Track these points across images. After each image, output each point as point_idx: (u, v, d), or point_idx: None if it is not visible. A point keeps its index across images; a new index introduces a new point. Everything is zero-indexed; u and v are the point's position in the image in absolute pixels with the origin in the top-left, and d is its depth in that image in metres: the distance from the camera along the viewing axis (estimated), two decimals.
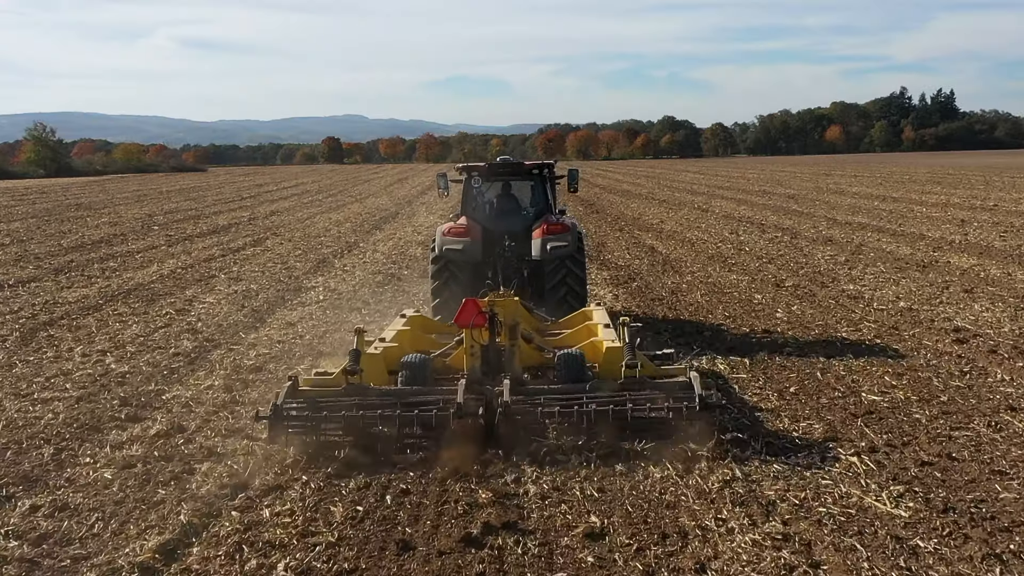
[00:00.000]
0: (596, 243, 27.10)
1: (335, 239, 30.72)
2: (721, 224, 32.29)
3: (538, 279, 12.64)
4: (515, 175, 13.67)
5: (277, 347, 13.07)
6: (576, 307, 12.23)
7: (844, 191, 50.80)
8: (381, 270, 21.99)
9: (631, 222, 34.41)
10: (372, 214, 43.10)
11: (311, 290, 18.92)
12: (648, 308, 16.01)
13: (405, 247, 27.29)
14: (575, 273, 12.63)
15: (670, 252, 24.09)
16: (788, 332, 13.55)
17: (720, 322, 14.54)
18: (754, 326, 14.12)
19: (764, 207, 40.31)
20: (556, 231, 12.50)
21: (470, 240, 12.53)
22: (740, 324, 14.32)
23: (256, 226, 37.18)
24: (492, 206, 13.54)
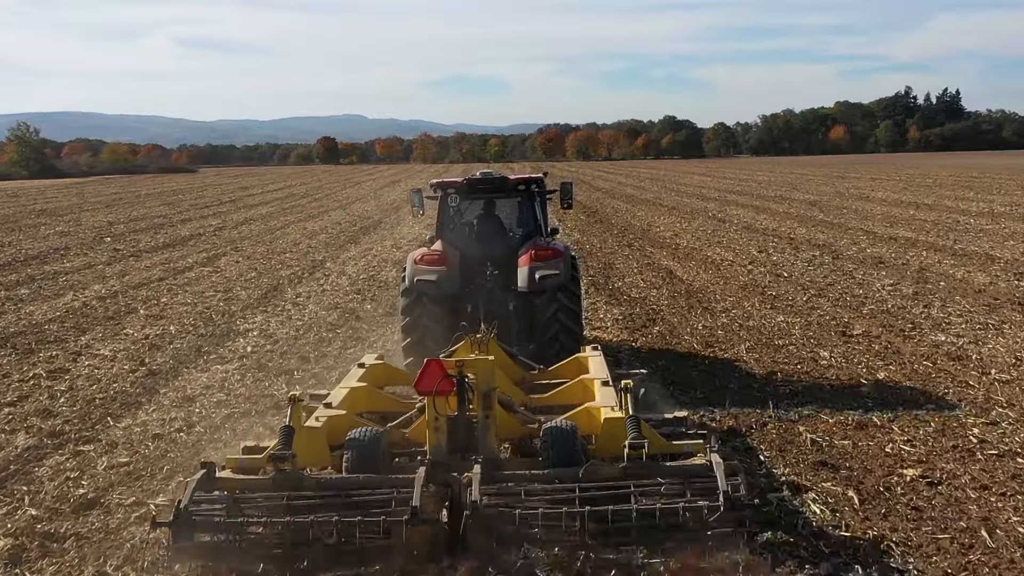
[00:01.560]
0: (602, 263, 23.02)
1: (301, 256, 26.67)
2: (744, 238, 28.23)
3: (526, 314, 10.86)
4: (498, 192, 11.73)
5: (146, 449, 9.00)
6: (570, 347, 10.47)
7: (868, 197, 46.76)
8: (340, 303, 17.94)
9: (640, 235, 30.34)
10: (352, 223, 39.12)
11: (241, 336, 14.85)
12: (679, 372, 11.91)
13: (378, 268, 23.23)
14: (568, 307, 10.77)
15: (693, 278, 20.01)
16: (881, 414, 9.52)
17: (782, 394, 10.50)
18: (830, 401, 10.09)
19: (786, 216, 36.25)
20: (545, 257, 10.72)
21: (446, 269, 10.69)
22: (807, 397, 10.31)
23: (219, 238, 33.18)
24: (472, 229, 11.66)
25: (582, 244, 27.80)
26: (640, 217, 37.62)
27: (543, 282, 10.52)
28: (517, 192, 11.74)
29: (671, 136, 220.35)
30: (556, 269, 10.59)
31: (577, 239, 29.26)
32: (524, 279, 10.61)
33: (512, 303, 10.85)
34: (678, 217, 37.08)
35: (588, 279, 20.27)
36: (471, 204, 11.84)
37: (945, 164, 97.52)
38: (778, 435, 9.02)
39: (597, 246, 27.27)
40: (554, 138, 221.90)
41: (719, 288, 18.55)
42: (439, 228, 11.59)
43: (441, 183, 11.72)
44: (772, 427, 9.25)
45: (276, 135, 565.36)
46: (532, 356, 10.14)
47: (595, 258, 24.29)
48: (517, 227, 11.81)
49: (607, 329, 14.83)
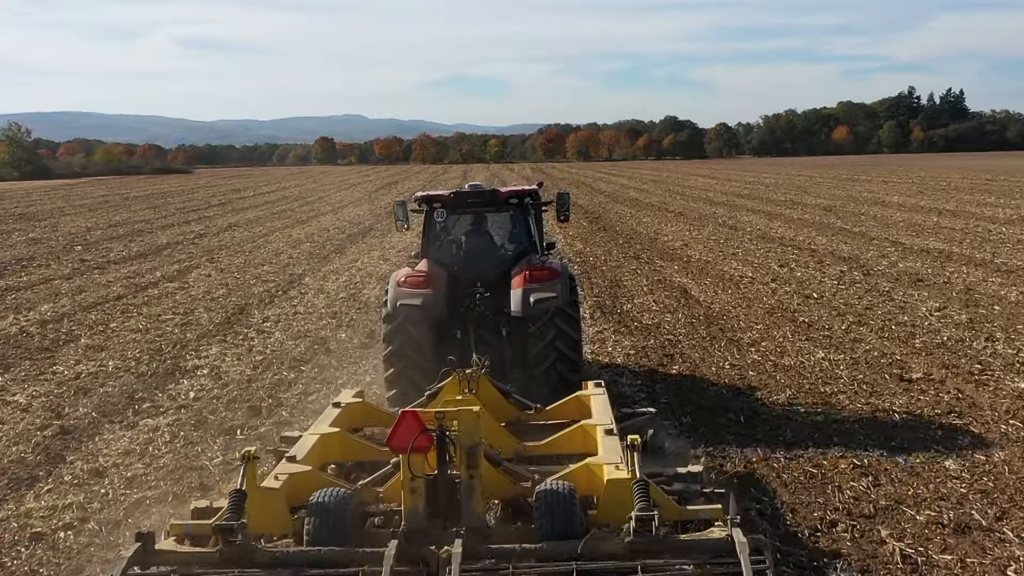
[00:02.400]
0: (608, 280, 20.81)
1: (279, 269, 24.48)
2: (760, 249, 26.03)
3: (520, 341, 9.92)
4: (489, 206, 10.77)
5: (13, 559, 6.78)
6: (569, 378, 9.59)
7: (884, 201, 44.55)
8: (311, 329, 15.75)
9: (648, 245, 28.13)
10: (342, 229, 36.95)
11: (187, 376, 12.65)
12: (710, 433, 9.70)
13: (360, 285, 21.04)
14: (567, 334, 9.79)
15: (711, 300, 17.80)
16: (982, 507, 7.33)
17: (846, 475, 8.28)
18: (910, 485, 7.89)
19: (802, 223, 34.04)
20: (541, 278, 9.79)
21: (431, 293, 9.78)
22: (879, 479, 8.12)
23: (197, 247, 31.02)
24: (460, 246, 10.74)
25: (585, 256, 25.60)
26: (646, 224, 35.41)
27: (538, 306, 9.56)
28: (509, 206, 10.68)
29: (672, 136, 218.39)
30: (553, 291, 9.61)
31: (579, 250, 27.08)
32: (518, 303, 9.67)
33: (505, 329, 9.94)
34: (686, 224, 34.87)
35: (593, 300, 18.09)
36: (459, 219, 10.84)
37: (953, 165, 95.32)
38: (853, 542, 6.81)
39: (602, 258, 25.06)
40: (554, 138, 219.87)
41: (742, 312, 16.33)
42: (425, 246, 10.57)
43: (426, 197, 10.67)
44: (843, 528, 7.03)
45: (276, 135, 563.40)
46: (527, 387, 9.23)
47: (600, 274, 22.10)
48: (509, 244, 10.83)
49: (617, 368, 12.61)
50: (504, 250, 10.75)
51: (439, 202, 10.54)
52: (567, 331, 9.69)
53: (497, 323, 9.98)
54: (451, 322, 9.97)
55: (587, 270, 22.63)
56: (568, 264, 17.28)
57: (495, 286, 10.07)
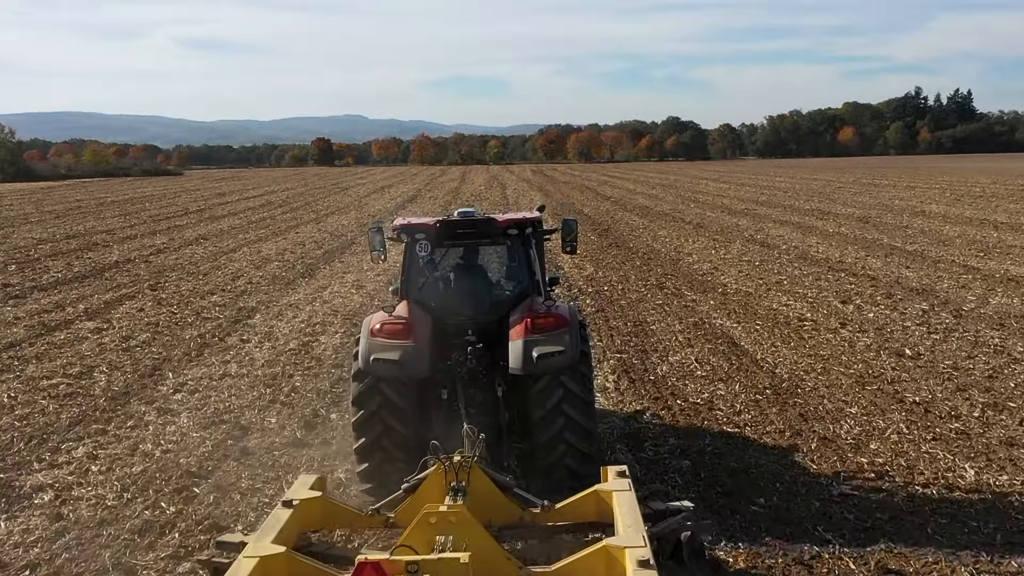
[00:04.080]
0: (632, 323, 16.54)
1: (230, 300, 20.27)
2: (807, 274, 21.81)
3: (520, 404, 8.15)
4: (482, 237, 8.99)
5: None
6: (580, 452, 7.86)
7: (923, 211, 40.31)
8: (232, 408, 11.52)
9: (671, 268, 23.89)
10: (320, 243, 32.77)
11: (20, 504, 8.42)
12: None
13: (322, 327, 16.83)
14: (577, 396, 7.95)
15: (772, 357, 13.56)
16: None
17: None
18: None
19: (842, 239, 29.82)
20: (545, 327, 7.99)
21: (412, 345, 8.03)
22: None
23: (148, 267, 26.83)
24: (447, 285, 9.03)
25: (597, 283, 21.37)
26: (663, 239, 31.16)
27: (543, 363, 7.96)
28: (507, 237, 8.96)
29: (675, 137, 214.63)
30: (560, 345, 8.00)
31: (590, 275, 22.85)
32: (517, 358, 8.05)
33: (501, 388, 8.39)
34: (709, 239, 30.64)
35: (615, 356, 13.87)
36: (447, 253, 9.24)
37: (973, 168, 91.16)
38: None
39: (618, 287, 20.82)
40: (555, 139, 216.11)
41: (822, 383, 12.08)
42: (405, 285, 8.92)
43: (406, 226, 8.89)
44: None
45: (277, 135, 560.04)
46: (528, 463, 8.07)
47: (618, 310, 17.87)
48: (507, 283, 9.27)
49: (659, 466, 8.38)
50: (500, 290, 9.11)
51: (422, 233, 8.72)
52: (578, 393, 8.01)
53: (491, 381, 8.41)
54: (436, 380, 8.34)
55: (602, 305, 18.41)
56: (578, 308, 13.21)
57: (490, 335, 8.48)
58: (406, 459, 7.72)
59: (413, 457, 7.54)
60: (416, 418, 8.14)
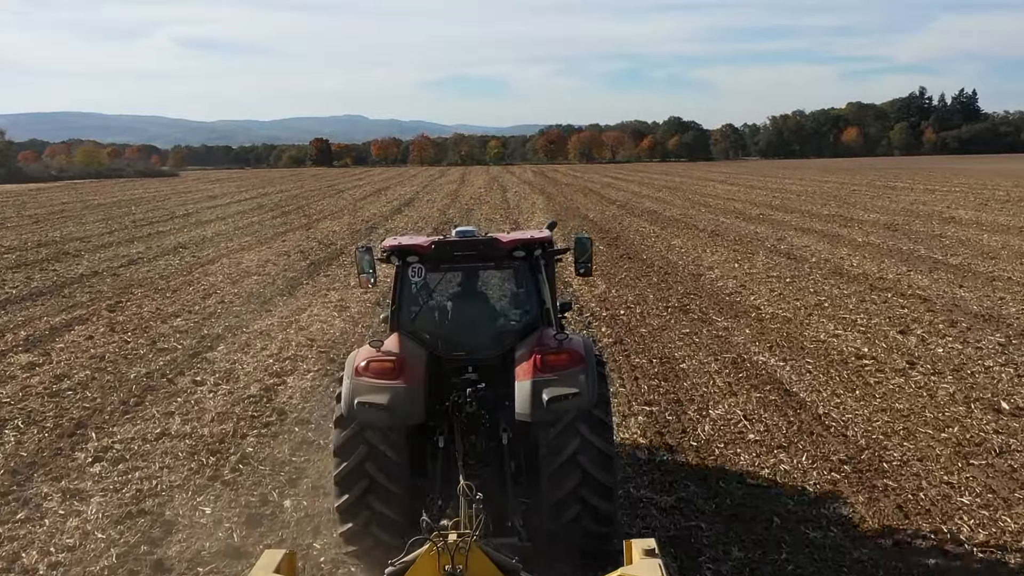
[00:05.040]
0: (657, 359, 14.02)
1: (194, 325, 17.79)
2: (848, 294, 19.32)
3: (528, 455, 7.24)
4: (484, 261, 7.92)
5: None
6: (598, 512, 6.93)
7: (953, 218, 37.80)
8: (162, 484, 9.02)
9: (693, 285, 21.38)
10: (306, 253, 30.32)
11: None
12: None
13: (293, 361, 14.34)
14: (596, 448, 6.95)
15: (836, 410, 11.06)
16: None
17: None
18: None
19: (875, 250, 27.33)
20: (558, 364, 7.00)
21: (404, 387, 7.01)
22: None
23: (116, 281, 24.46)
24: (444, 316, 8.03)
25: (612, 304, 18.88)
26: (679, 249, 28.64)
27: (555, 407, 6.80)
28: (512, 260, 7.78)
29: (677, 138, 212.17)
30: (574, 386, 6.83)
31: (602, 293, 20.36)
32: (525, 401, 6.90)
33: (506, 435, 7.29)
34: (729, 249, 28.14)
35: (643, 408, 11.37)
36: (443, 279, 8.09)
37: (989, 170, 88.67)
38: None
39: (636, 310, 18.32)
40: (556, 140, 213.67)
41: (909, 450, 9.57)
42: (395, 314, 7.72)
43: (397, 248, 7.73)
44: None
45: (277, 136, 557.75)
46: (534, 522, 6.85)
47: (639, 341, 15.37)
48: (512, 311, 8.12)
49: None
50: (505, 321, 8.14)
51: (415, 255, 7.79)
52: (596, 444, 7.01)
53: (495, 427, 7.45)
54: (431, 425, 7.39)
55: (620, 335, 15.90)
56: (593, 340, 10.79)
57: (493, 373, 7.57)
58: (395, 519, 6.90)
59: (403, 517, 6.81)
60: (407, 471, 7.14)
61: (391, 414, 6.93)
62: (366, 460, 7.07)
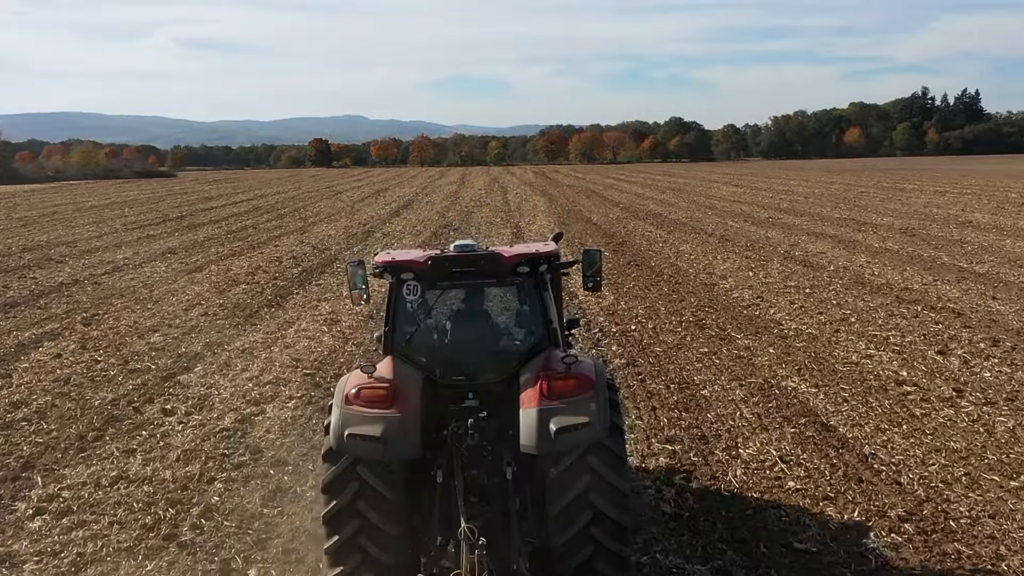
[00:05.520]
0: (676, 384, 12.71)
1: (172, 341, 16.49)
2: (873, 306, 18.01)
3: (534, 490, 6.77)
4: (486, 277, 7.40)
5: None
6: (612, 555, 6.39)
7: (970, 222, 36.48)
8: (108, 548, 7.77)
9: (706, 296, 20.07)
10: (299, 259, 29.05)
11: None
12: None
13: (275, 387, 13.02)
14: (608, 484, 6.45)
15: (877, 445, 9.78)
16: None
17: None
18: None
19: (892, 256, 26.04)
20: (565, 391, 6.53)
21: (398, 416, 6.55)
22: None
23: (95, 291, 23.23)
24: (443, 335, 7.45)
25: (622, 318, 17.59)
26: (688, 256, 27.34)
27: (563, 438, 6.29)
28: (516, 277, 7.29)
29: (679, 138, 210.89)
30: (584, 414, 6.33)
31: (610, 305, 19.07)
32: (531, 432, 6.39)
33: (510, 469, 6.71)
34: (741, 256, 26.83)
35: (664, 446, 10.07)
36: (441, 297, 7.50)
37: (997, 171, 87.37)
38: None
39: (647, 324, 17.00)
40: (557, 140, 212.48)
41: (975, 503, 8.28)
42: (390, 335, 7.23)
43: (391, 264, 7.26)
44: None
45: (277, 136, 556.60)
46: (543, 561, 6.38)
47: (654, 361, 14.07)
48: (516, 331, 7.51)
49: None
50: (508, 342, 7.43)
51: (411, 271, 7.18)
52: (608, 479, 6.36)
53: (498, 459, 6.76)
54: (428, 457, 6.72)
55: (632, 354, 14.59)
56: (604, 361, 9.64)
57: (496, 400, 6.93)
58: (390, 562, 6.46)
59: (398, 560, 6.42)
60: (403, 510, 6.65)
61: (385, 447, 6.44)
62: (357, 498, 6.55)
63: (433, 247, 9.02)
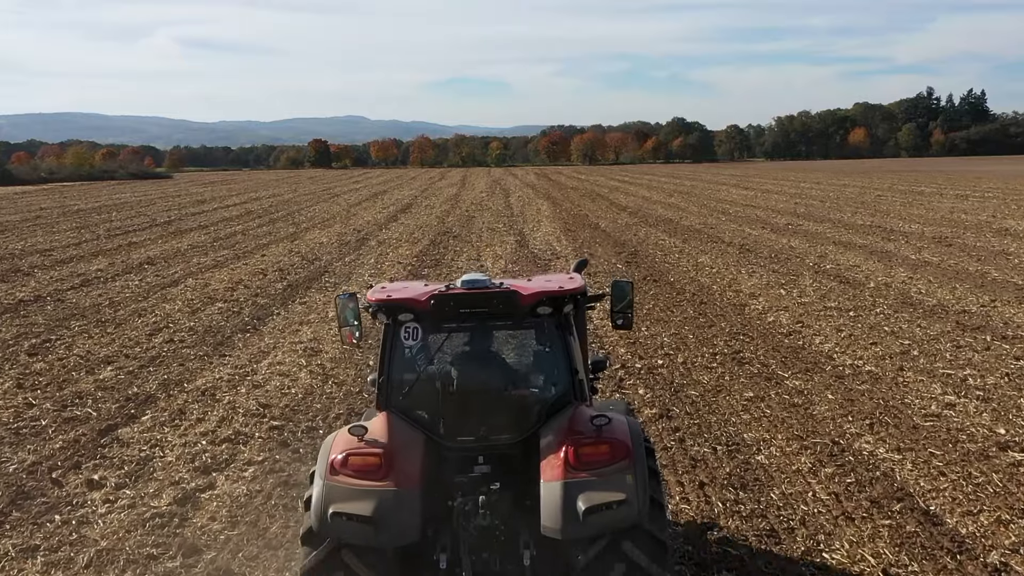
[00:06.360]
0: (724, 440, 10.39)
1: (132, 373, 14.20)
2: (936, 336, 15.68)
3: None
4: (500, 318, 6.41)
5: None
6: None
7: (1006, 230, 34.15)
8: None
9: (738, 319, 17.73)
10: (286, 271, 26.79)
11: None
12: None
13: (239, 436, 10.73)
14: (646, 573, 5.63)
15: (1006, 550, 7.47)
16: None
17: None
18: None
19: (935, 271, 23.72)
20: (596, 460, 5.68)
21: (394, 491, 5.71)
22: None
23: (56, 310, 21.05)
24: (448, 387, 6.34)
25: (646, 351, 15.26)
26: (709, 269, 24.99)
27: (593, 520, 5.47)
28: (536, 318, 6.29)
29: (682, 139, 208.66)
30: (619, 490, 5.51)
31: (629, 332, 16.72)
32: (554, 512, 5.55)
33: (529, 553, 5.85)
34: (767, 270, 24.50)
35: (720, 539, 7.74)
36: (446, 341, 6.46)
37: (1003, 172, 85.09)
38: None
39: (676, 358, 14.66)
40: (558, 141, 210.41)
41: None
42: (384, 387, 6.29)
43: (387, 302, 6.27)
44: None
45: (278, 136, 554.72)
46: None
47: (691, 409, 11.74)
48: (535, 379, 6.47)
49: None
50: (525, 394, 6.31)
51: (410, 312, 6.23)
52: (645, 566, 5.46)
53: (514, 541, 5.92)
54: (430, 541, 5.89)
55: (664, 400, 12.27)
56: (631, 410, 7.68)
57: (511, 466, 6.07)
58: None
59: None
60: None
61: (376, 530, 5.58)
62: None
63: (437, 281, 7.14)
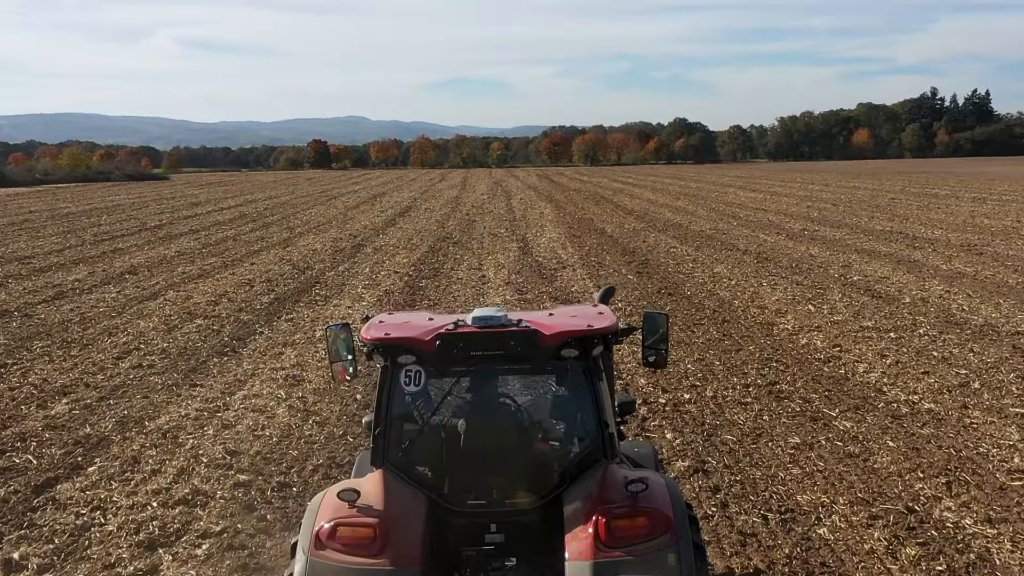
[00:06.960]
0: (776, 502, 8.65)
1: (89, 407, 12.52)
2: (992, 364, 13.96)
3: None
4: (516, 361, 5.45)
5: None
6: None
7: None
8: None
9: (768, 342, 15.99)
10: (274, 282, 25.08)
11: None
12: None
13: (197, 495, 9.01)
14: None
15: None
16: None
17: None
18: None
19: (971, 283, 22.01)
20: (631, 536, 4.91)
21: (391, 569, 4.97)
22: None
23: (27, 324, 19.58)
24: (454, 441, 5.58)
25: (668, 381, 13.52)
26: (727, 281, 23.25)
27: None
28: (560, 361, 5.39)
29: (684, 140, 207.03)
30: (660, 573, 4.69)
31: (671, 362, 14.99)
32: None
33: None
34: (790, 281, 22.77)
35: None
36: (453, 386, 5.59)
37: (1011, 173, 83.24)
38: None
39: (704, 390, 12.93)
40: (560, 141, 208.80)
41: None
42: (381, 441, 5.46)
43: (385, 342, 5.38)
44: None
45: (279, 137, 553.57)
46: None
47: (729, 456, 10.03)
48: (556, 430, 5.66)
49: None
50: (545, 447, 5.54)
51: (412, 353, 5.37)
52: None
53: None
54: None
55: (696, 446, 10.54)
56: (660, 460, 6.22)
57: (529, 535, 5.30)
58: None
59: None
60: None
61: None
62: None
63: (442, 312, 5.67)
